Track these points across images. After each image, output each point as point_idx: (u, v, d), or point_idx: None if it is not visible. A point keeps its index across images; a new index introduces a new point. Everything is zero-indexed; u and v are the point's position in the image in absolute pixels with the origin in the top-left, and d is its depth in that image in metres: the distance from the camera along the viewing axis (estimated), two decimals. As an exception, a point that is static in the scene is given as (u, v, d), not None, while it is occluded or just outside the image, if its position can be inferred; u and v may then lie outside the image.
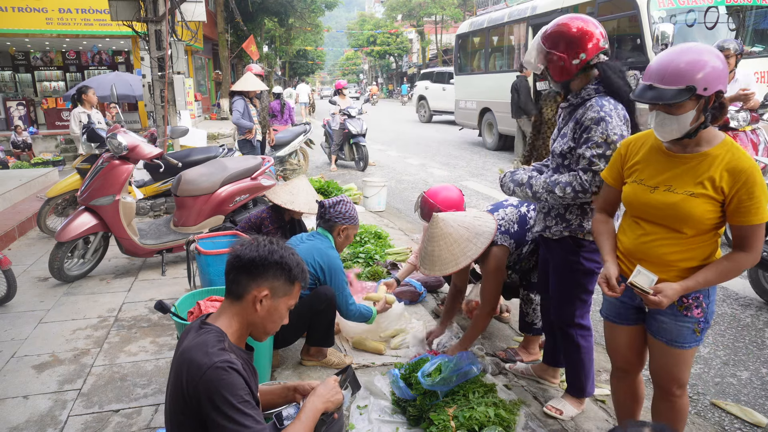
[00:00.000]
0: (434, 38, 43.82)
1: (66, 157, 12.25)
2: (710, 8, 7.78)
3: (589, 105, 2.31)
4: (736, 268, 1.82)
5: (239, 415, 1.45)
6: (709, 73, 1.69)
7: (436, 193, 3.43)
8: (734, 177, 1.74)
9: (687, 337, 1.93)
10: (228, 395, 1.45)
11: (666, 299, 1.79)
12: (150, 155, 4.73)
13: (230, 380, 1.47)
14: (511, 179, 2.55)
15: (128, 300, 4.23)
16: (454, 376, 2.52)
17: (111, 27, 13.41)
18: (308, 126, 9.36)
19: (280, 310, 1.67)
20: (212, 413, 1.45)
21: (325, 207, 3.12)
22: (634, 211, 1.97)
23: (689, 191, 1.80)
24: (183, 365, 1.53)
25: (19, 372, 3.18)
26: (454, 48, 15.23)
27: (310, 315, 2.91)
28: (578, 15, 2.37)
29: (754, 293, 4.10)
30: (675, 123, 1.75)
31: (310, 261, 2.96)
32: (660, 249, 1.89)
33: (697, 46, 1.76)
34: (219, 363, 1.47)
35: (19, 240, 5.97)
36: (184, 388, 1.49)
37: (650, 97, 1.75)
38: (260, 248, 1.64)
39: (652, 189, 1.89)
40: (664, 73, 1.72)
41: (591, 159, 2.25)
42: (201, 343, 1.53)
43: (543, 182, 2.40)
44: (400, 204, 7.71)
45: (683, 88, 1.69)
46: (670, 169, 1.86)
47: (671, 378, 2.01)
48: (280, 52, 44.35)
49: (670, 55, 1.76)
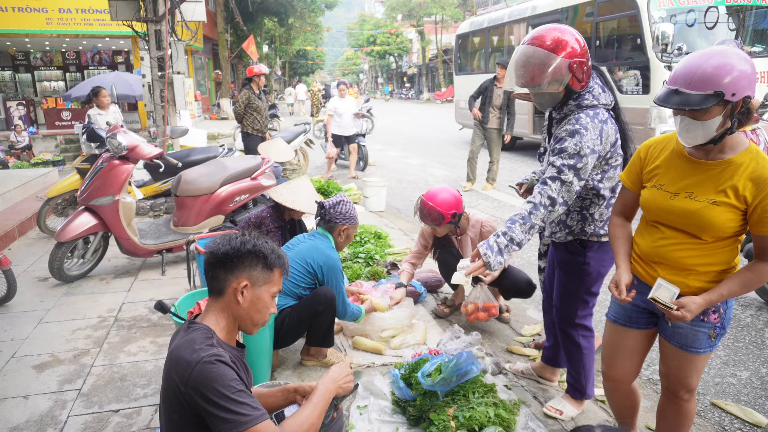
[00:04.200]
0: (434, 38, 43.80)
1: (66, 157, 12.25)
2: (710, 8, 7.78)
3: (567, 120, 2.29)
4: (759, 279, 1.79)
5: (235, 405, 1.45)
6: (738, 77, 1.62)
7: (434, 195, 3.45)
8: (758, 186, 1.70)
9: (702, 342, 1.90)
10: (220, 387, 1.45)
11: (690, 314, 1.76)
12: (150, 155, 4.73)
13: (219, 372, 1.47)
14: (495, 259, 2.21)
15: (128, 300, 4.23)
16: (454, 376, 2.52)
17: (111, 27, 13.42)
18: (308, 126, 9.36)
19: (263, 299, 1.67)
20: (208, 407, 1.44)
21: (325, 207, 3.12)
22: (652, 215, 1.93)
23: (711, 199, 1.76)
24: (172, 365, 1.52)
25: (19, 372, 3.18)
26: (454, 48, 15.23)
27: (310, 315, 2.92)
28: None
29: (754, 293, 4.10)
30: (700, 129, 1.69)
31: (310, 261, 2.96)
32: (678, 253, 1.86)
33: (725, 49, 1.69)
34: (206, 358, 1.47)
35: (19, 240, 5.97)
36: (175, 387, 1.49)
37: (676, 102, 1.68)
38: (232, 241, 1.64)
39: (672, 195, 1.84)
40: (691, 77, 1.65)
41: (560, 167, 2.20)
42: (188, 341, 1.53)
43: (521, 227, 2.21)
44: (400, 204, 7.71)
45: (710, 93, 1.62)
46: (692, 176, 1.81)
47: (681, 382, 2.00)
48: (280, 52, 44.37)
49: (697, 58, 1.68)
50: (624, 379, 2.16)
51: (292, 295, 2.96)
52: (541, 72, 2.20)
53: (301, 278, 2.97)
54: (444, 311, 3.85)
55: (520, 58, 2.25)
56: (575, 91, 2.26)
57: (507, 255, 2.25)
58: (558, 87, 2.24)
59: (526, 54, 2.23)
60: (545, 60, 2.19)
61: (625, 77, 8.46)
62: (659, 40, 7.34)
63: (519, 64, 2.26)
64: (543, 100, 2.33)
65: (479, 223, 3.66)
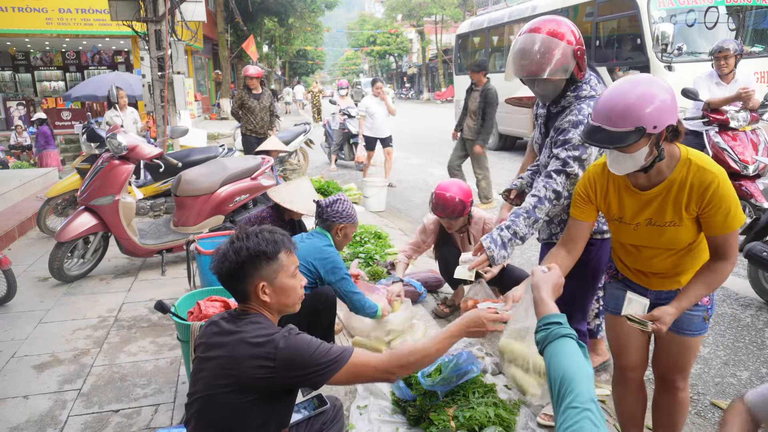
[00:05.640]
0: (434, 38, 43.81)
1: (66, 157, 12.25)
2: (710, 8, 7.78)
3: (568, 111, 2.27)
4: (720, 278, 1.82)
5: (325, 356, 1.59)
6: (658, 108, 1.61)
7: (448, 187, 3.46)
8: (701, 194, 1.73)
9: (697, 325, 1.96)
10: (308, 352, 1.58)
11: (665, 326, 1.78)
12: (150, 155, 4.73)
13: (301, 338, 1.61)
14: (498, 253, 2.22)
15: (128, 300, 4.23)
16: (454, 376, 2.52)
17: (111, 27, 13.41)
18: (308, 126, 9.35)
19: (286, 284, 1.71)
20: (304, 371, 1.57)
21: (322, 206, 3.12)
22: (625, 241, 1.98)
23: (670, 221, 1.81)
24: (245, 350, 1.57)
25: (19, 372, 3.18)
26: (454, 48, 15.23)
27: (310, 315, 2.91)
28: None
29: (754, 293, 4.10)
30: (629, 160, 1.71)
31: (310, 260, 2.96)
32: (664, 263, 1.91)
33: (642, 79, 1.68)
34: (283, 332, 1.61)
35: (19, 240, 5.97)
36: (253, 370, 1.55)
37: (599, 139, 1.68)
38: (228, 255, 1.66)
39: (635, 226, 1.89)
40: (611, 114, 1.65)
41: (566, 159, 2.18)
42: (255, 328, 1.62)
43: (525, 221, 2.21)
44: (400, 204, 7.71)
45: (632, 129, 1.62)
46: (645, 208, 1.85)
47: (677, 368, 2.03)
48: (280, 52, 44.37)
49: (616, 94, 1.67)
50: (640, 366, 2.16)
51: (292, 295, 2.96)
52: (548, 59, 2.15)
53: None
54: (444, 311, 3.85)
55: (524, 46, 2.19)
56: (575, 81, 2.25)
57: (510, 249, 2.23)
58: (562, 75, 2.20)
59: (532, 42, 2.16)
60: (552, 46, 2.14)
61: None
62: (659, 40, 7.34)
63: (524, 53, 2.19)
64: (547, 91, 2.28)
65: (482, 220, 3.65)
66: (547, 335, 1.36)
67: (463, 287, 3.88)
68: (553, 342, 1.32)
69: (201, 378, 1.64)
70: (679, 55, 7.59)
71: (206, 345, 1.68)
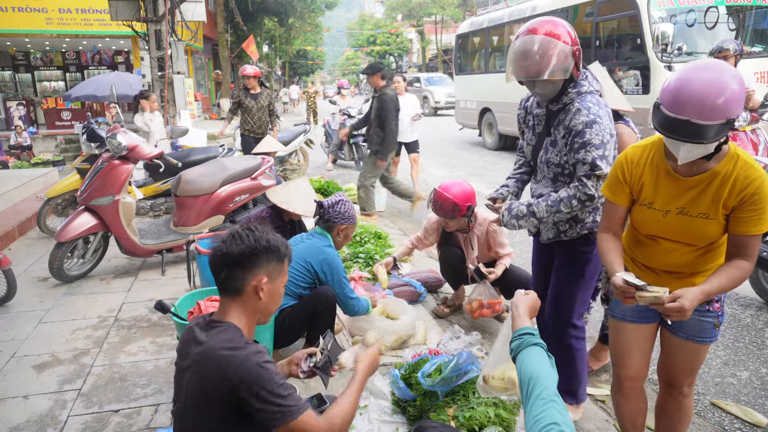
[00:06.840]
0: (434, 38, 43.82)
1: (66, 157, 12.25)
2: (710, 8, 7.78)
3: (575, 109, 2.25)
4: (743, 276, 1.80)
5: (282, 399, 1.52)
6: (738, 97, 1.60)
7: (449, 187, 3.42)
8: (742, 190, 1.72)
9: (708, 331, 1.94)
10: (268, 384, 1.51)
11: (687, 302, 1.68)
12: (150, 155, 4.73)
13: (267, 368, 1.53)
14: (511, 216, 2.42)
15: (128, 300, 4.23)
16: (454, 376, 2.52)
17: (111, 27, 13.43)
18: (308, 126, 9.34)
19: (279, 290, 1.72)
20: (256, 403, 1.50)
21: (324, 207, 3.12)
22: (646, 232, 1.95)
23: (704, 213, 1.78)
24: (212, 365, 1.53)
25: (19, 372, 3.18)
26: (454, 48, 15.23)
27: (310, 315, 2.92)
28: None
29: (754, 293, 4.10)
30: (703, 149, 1.66)
31: (309, 260, 2.96)
32: (681, 259, 1.89)
33: (721, 67, 1.64)
34: (252, 356, 1.53)
35: (19, 240, 5.96)
36: (219, 384, 1.51)
37: (689, 134, 1.61)
38: (246, 239, 1.63)
39: (664, 213, 1.86)
40: (702, 107, 1.58)
41: (593, 162, 2.19)
42: (226, 340, 1.56)
43: (546, 206, 2.31)
44: (400, 204, 7.70)
45: (723, 122, 1.58)
46: (682, 194, 1.81)
47: (686, 374, 2.02)
48: (280, 52, 44.36)
49: (704, 85, 1.59)
50: (640, 375, 2.15)
51: (292, 295, 2.96)
52: (548, 60, 2.16)
53: (301, 278, 2.97)
54: (444, 311, 3.85)
55: (524, 48, 2.20)
56: (573, 79, 2.27)
57: (525, 222, 2.40)
58: (562, 75, 2.21)
59: (531, 43, 2.17)
60: (551, 47, 2.15)
61: (625, 77, 8.46)
62: (659, 40, 7.34)
63: (524, 55, 2.20)
64: (546, 91, 2.29)
65: (486, 222, 3.64)
66: (520, 344, 1.51)
67: (464, 288, 3.89)
68: (525, 349, 1.48)
69: (180, 387, 1.63)
70: (679, 55, 7.58)
71: (180, 354, 1.66)
